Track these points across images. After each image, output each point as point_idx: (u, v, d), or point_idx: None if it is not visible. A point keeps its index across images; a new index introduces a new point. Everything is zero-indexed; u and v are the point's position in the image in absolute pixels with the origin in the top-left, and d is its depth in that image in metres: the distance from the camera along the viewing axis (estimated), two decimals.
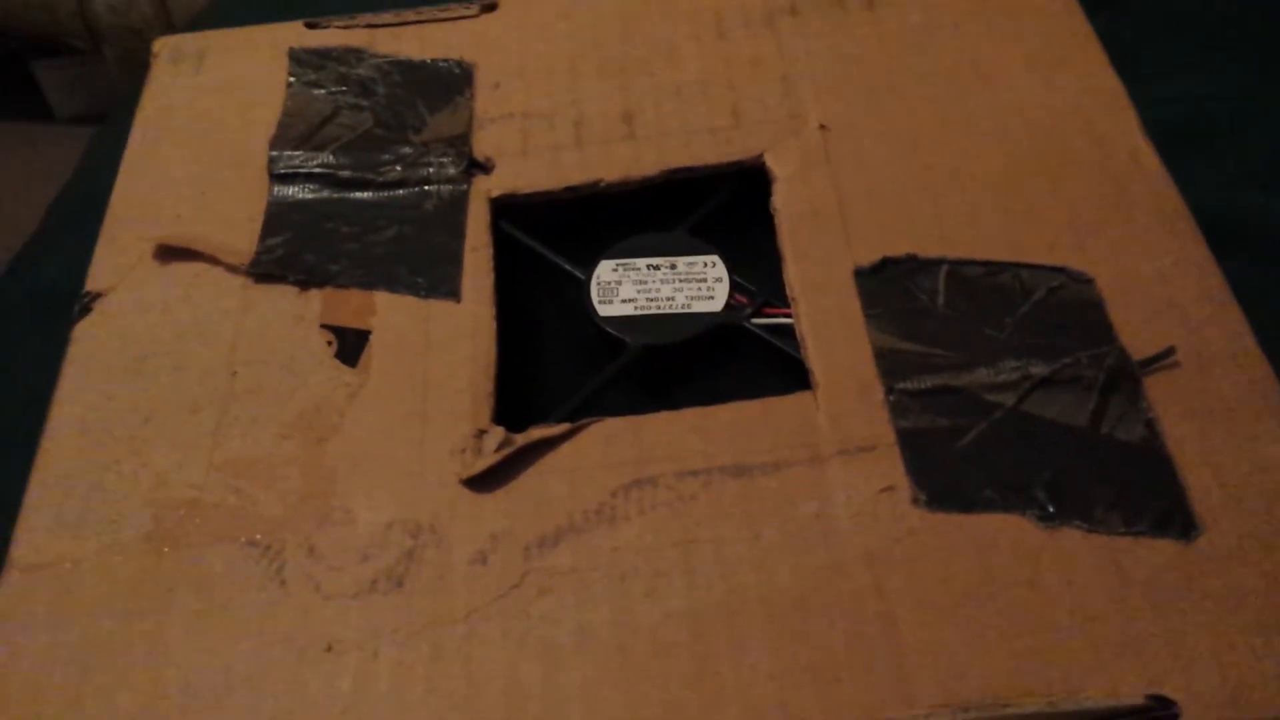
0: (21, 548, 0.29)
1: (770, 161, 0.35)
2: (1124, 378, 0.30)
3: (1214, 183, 0.41)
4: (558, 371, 0.35)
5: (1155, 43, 0.48)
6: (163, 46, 0.40)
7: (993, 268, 0.32)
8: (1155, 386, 0.30)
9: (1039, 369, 0.30)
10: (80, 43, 1.00)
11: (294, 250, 0.34)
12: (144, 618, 0.28)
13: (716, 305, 0.34)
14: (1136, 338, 0.31)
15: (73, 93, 1.06)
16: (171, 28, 0.97)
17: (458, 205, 0.35)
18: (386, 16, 0.40)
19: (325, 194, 0.36)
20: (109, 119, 0.56)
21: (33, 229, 0.53)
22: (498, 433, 0.30)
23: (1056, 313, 0.31)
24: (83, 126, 1.06)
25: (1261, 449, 0.28)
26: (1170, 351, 0.30)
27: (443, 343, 0.32)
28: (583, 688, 0.26)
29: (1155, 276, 0.32)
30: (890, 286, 0.32)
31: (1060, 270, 0.32)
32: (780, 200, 0.34)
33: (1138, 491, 0.28)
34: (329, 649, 0.27)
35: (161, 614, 0.28)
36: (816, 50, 0.38)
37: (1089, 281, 0.32)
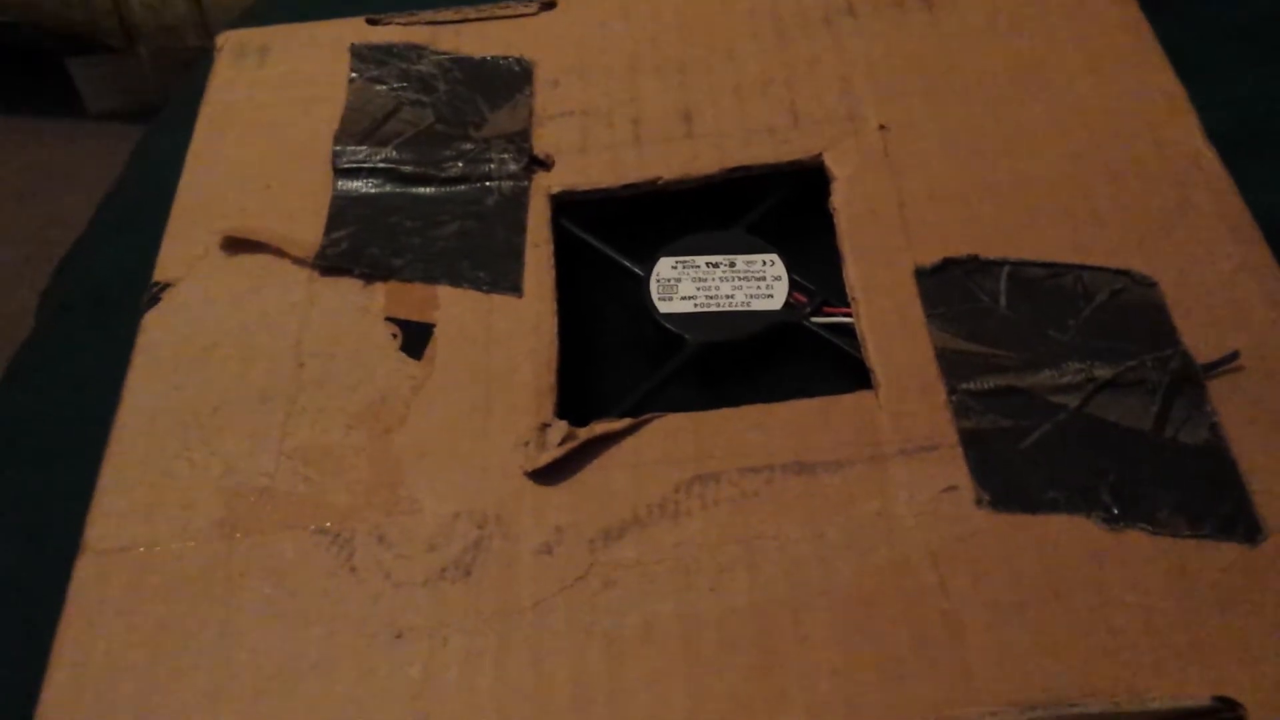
0: (96, 531, 0.30)
1: (829, 161, 0.36)
2: (1188, 381, 0.30)
3: (1272, 187, 0.41)
4: (617, 367, 0.35)
5: (1212, 48, 0.47)
6: (226, 40, 0.41)
7: (1055, 269, 0.32)
8: (1219, 391, 0.30)
9: (1103, 371, 0.30)
10: (115, 40, 1.01)
11: (358, 244, 0.35)
12: (216, 602, 0.28)
13: (776, 303, 0.34)
14: (1200, 341, 0.31)
15: (107, 89, 1.08)
16: (206, 26, 0.98)
17: (519, 201, 0.36)
18: (447, 13, 0.41)
19: (388, 188, 0.36)
20: (157, 118, 0.57)
21: (67, 222, 0.54)
22: (561, 426, 0.30)
23: (1119, 315, 0.31)
24: (116, 123, 1.08)
25: None
26: (1234, 356, 0.30)
27: (505, 337, 0.33)
28: (648, 679, 0.26)
29: (1218, 280, 0.32)
30: (952, 287, 0.32)
31: (1123, 273, 0.32)
32: (839, 200, 0.35)
33: (1202, 494, 0.28)
34: (399, 636, 0.27)
35: (233, 599, 0.28)
36: (875, 50, 0.38)
37: (1152, 285, 0.32)
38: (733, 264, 0.35)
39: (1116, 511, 0.28)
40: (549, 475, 0.30)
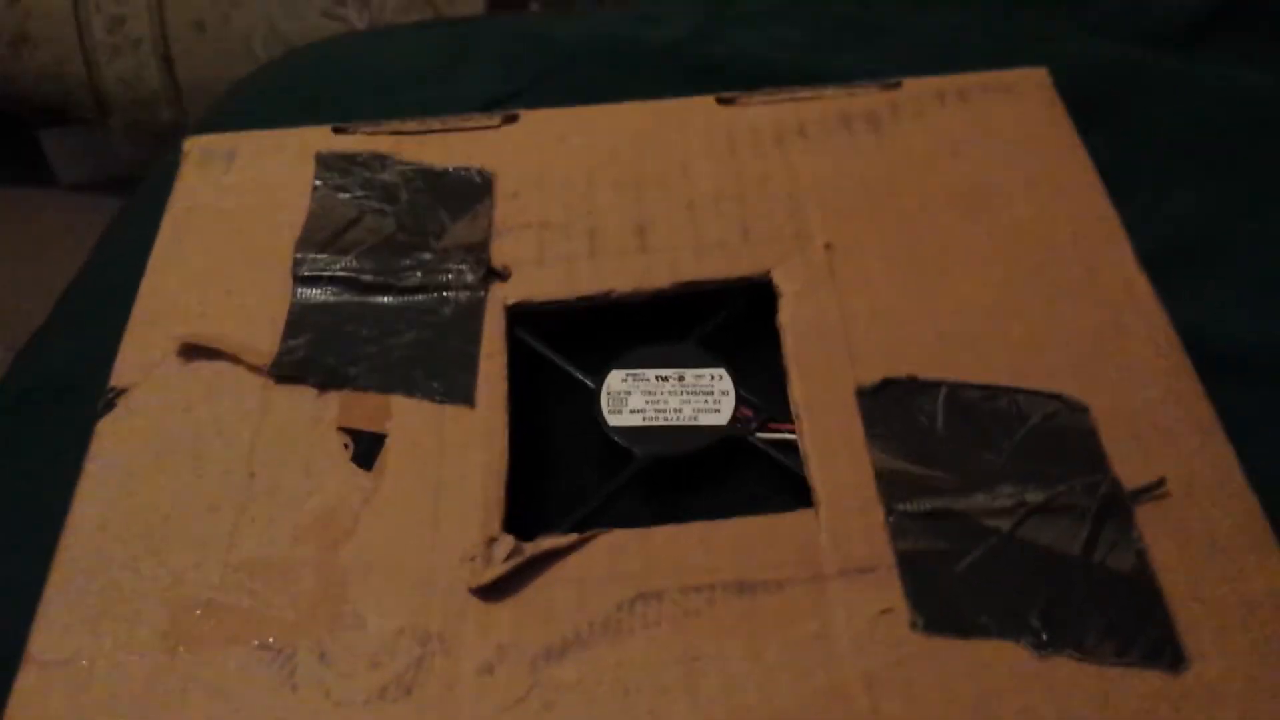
0: (39, 643, 0.30)
1: (777, 278, 0.37)
2: (1116, 507, 0.31)
3: (1204, 305, 0.42)
4: (568, 477, 0.36)
5: (1147, 162, 0.49)
6: (193, 146, 0.42)
7: (990, 392, 0.33)
8: (1146, 516, 0.31)
9: (1034, 495, 0.31)
10: (88, 113, 1.01)
11: (315, 352, 0.35)
12: (158, 718, 0.28)
13: (723, 419, 0.35)
14: (1128, 466, 0.32)
15: (78, 161, 1.08)
16: (180, 100, 0.99)
17: (475, 312, 0.36)
18: (411, 124, 0.42)
19: (347, 297, 0.37)
20: (122, 211, 0.57)
21: (34, 294, 0.54)
22: (508, 541, 0.31)
23: (1052, 439, 0.32)
24: (87, 194, 1.09)
25: (1248, 583, 0.29)
26: (1161, 482, 0.31)
27: (456, 447, 0.33)
28: None
29: (1146, 405, 0.33)
30: (891, 407, 0.33)
31: (1056, 396, 0.33)
32: (786, 316, 0.36)
33: (1129, 621, 0.29)
34: None
35: (175, 715, 0.28)
36: (823, 170, 0.40)
37: (1084, 409, 0.33)
38: (682, 378, 0.36)
39: (1045, 637, 0.29)
40: (494, 592, 0.30)
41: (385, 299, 0.37)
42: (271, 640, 0.29)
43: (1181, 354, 0.34)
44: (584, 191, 0.40)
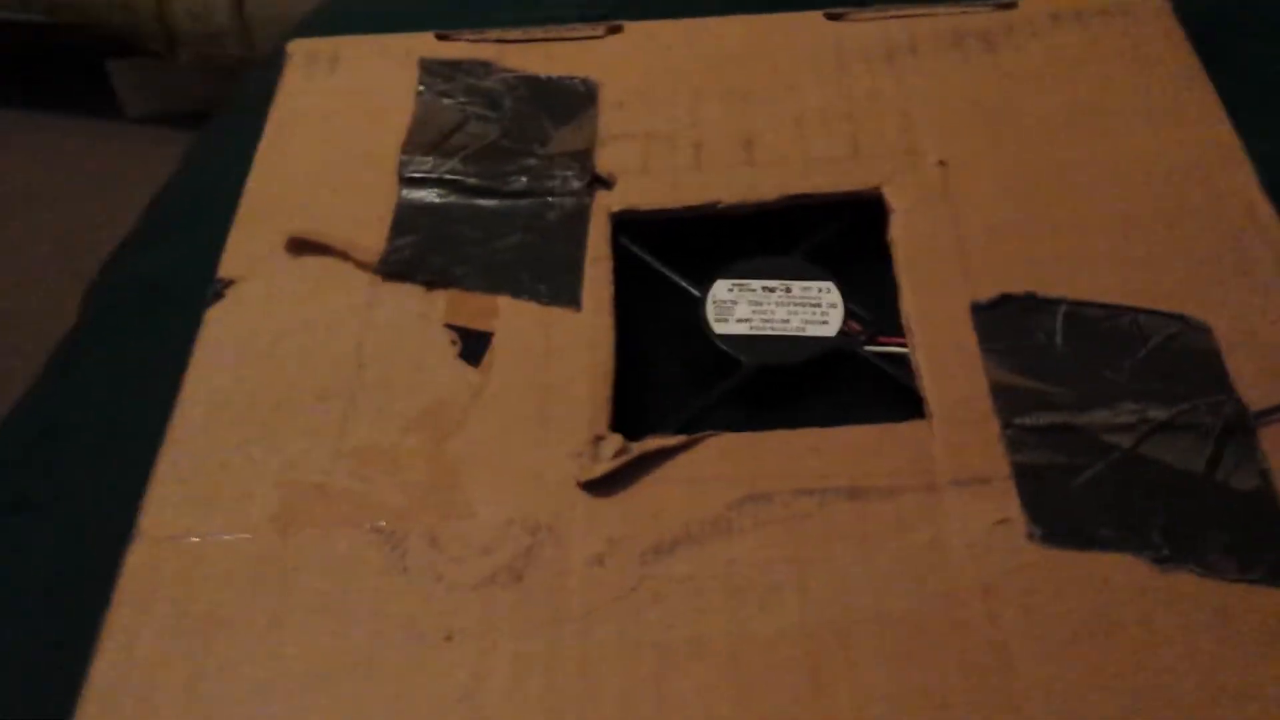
0: (150, 519, 0.30)
1: (888, 194, 0.36)
2: (1240, 428, 0.30)
3: None
4: (671, 385, 0.36)
5: (1262, 101, 0.48)
6: (297, 49, 0.42)
7: (1112, 311, 0.33)
8: (1270, 438, 0.30)
9: (1157, 413, 0.30)
10: (156, 45, 1.02)
11: (421, 251, 0.35)
12: (268, 595, 0.28)
13: (830, 330, 0.34)
14: (1251, 389, 0.31)
15: (145, 93, 1.09)
16: (248, 36, 0.99)
17: (580, 218, 0.36)
18: (515, 33, 0.41)
19: (452, 199, 0.37)
20: (206, 124, 0.58)
21: (103, 224, 0.54)
22: (615, 440, 0.31)
23: (1174, 359, 0.31)
24: (154, 127, 1.09)
25: None
26: None
27: (562, 349, 0.33)
28: (696, 694, 0.26)
29: (1271, 329, 0.32)
30: (1008, 323, 0.33)
31: (1178, 317, 0.32)
32: (898, 232, 0.35)
33: (1252, 540, 0.28)
34: (448, 638, 0.27)
35: (285, 593, 0.28)
36: (935, 88, 0.39)
37: (1207, 330, 0.32)
38: (789, 289, 0.35)
39: (1167, 552, 0.28)
40: (602, 487, 0.30)
41: (490, 202, 0.37)
42: (383, 524, 0.29)
43: None
44: (689, 104, 0.39)
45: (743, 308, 0.35)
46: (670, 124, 0.39)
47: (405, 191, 0.37)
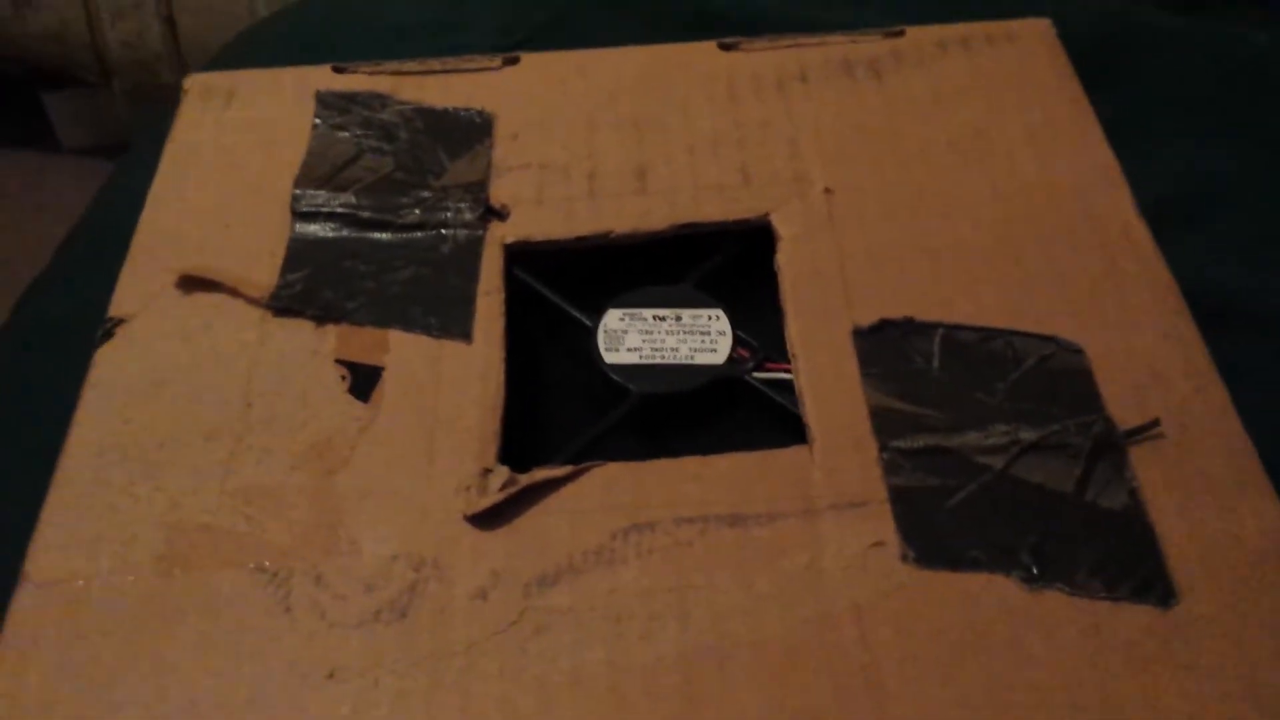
0: (36, 563, 0.30)
1: (776, 221, 0.37)
2: (1109, 447, 0.31)
3: (1201, 258, 0.42)
4: (562, 415, 0.36)
5: (1149, 121, 0.49)
6: (193, 84, 0.42)
7: (986, 334, 0.33)
8: (1139, 456, 0.31)
9: (1028, 434, 0.31)
10: (90, 75, 1.01)
11: (313, 286, 0.35)
12: (153, 637, 0.28)
13: (719, 358, 0.35)
14: (1123, 408, 0.32)
15: (81, 124, 1.08)
16: (182, 61, 0.98)
17: (473, 250, 0.36)
18: (412, 65, 0.42)
19: (345, 233, 0.37)
20: (123, 157, 0.58)
21: (37, 257, 0.54)
22: (502, 472, 0.31)
23: (1046, 380, 0.32)
24: (89, 157, 1.08)
25: (1240, 522, 0.29)
26: (1155, 423, 0.31)
27: (453, 382, 0.33)
28: None
29: (1142, 349, 0.33)
30: (887, 347, 0.33)
31: (1051, 339, 0.33)
32: (784, 259, 0.36)
33: (1119, 558, 0.29)
34: (331, 675, 0.27)
35: (170, 634, 0.28)
36: (824, 116, 0.40)
37: (1079, 351, 0.33)
38: (679, 318, 0.36)
39: (1036, 571, 0.29)
40: (488, 520, 0.30)
41: (384, 235, 0.37)
42: (267, 564, 0.29)
43: (1178, 298, 0.34)
44: (584, 134, 0.40)
45: (633, 336, 0.35)
46: (565, 154, 0.39)
47: (298, 225, 0.37)
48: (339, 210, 0.37)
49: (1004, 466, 0.31)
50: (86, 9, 0.97)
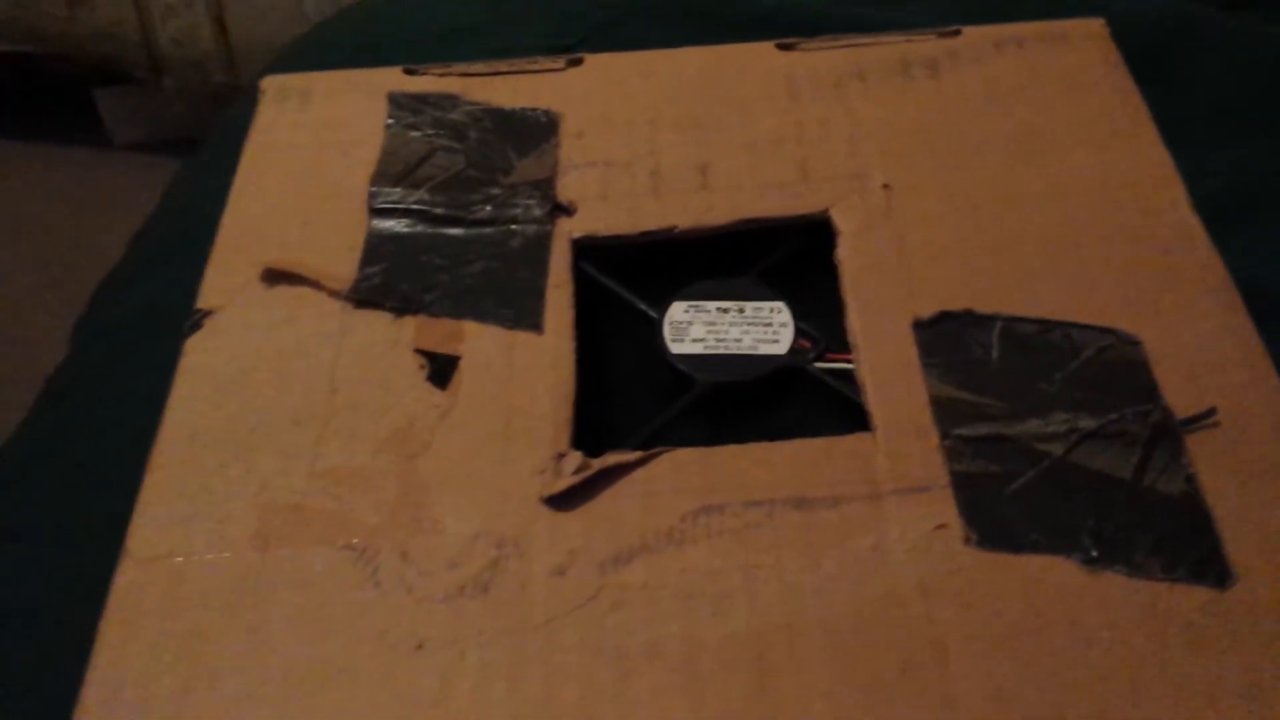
0: (136, 540, 0.31)
1: (836, 216, 0.38)
2: (1166, 435, 0.32)
3: (1254, 255, 0.43)
4: (629, 404, 0.37)
5: (1202, 120, 0.50)
6: (269, 85, 0.43)
7: (1045, 326, 0.34)
8: (1196, 444, 0.32)
9: (1087, 422, 0.32)
10: (141, 73, 1.03)
11: (390, 279, 0.37)
12: (248, 610, 0.30)
13: (781, 348, 0.36)
14: (1179, 398, 0.33)
15: (132, 120, 1.10)
16: (232, 62, 1.01)
17: (542, 244, 0.38)
18: (479, 66, 0.43)
19: (420, 228, 0.38)
20: (191, 158, 0.59)
21: (91, 250, 0.56)
22: (576, 456, 0.32)
23: (1104, 371, 0.33)
24: (140, 153, 1.11)
25: None
26: (1211, 412, 0.32)
27: (526, 371, 0.35)
28: (652, 696, 0.28)
29: (1198, 341, 0.34)
30: (947, 338, 0.34)
31: (1109, 331, 0.34)
32: (844, 253, 0.37)
33: (1176, 540, 0.30)
34: (419, 647, 0.29)
35: (264, 608, 0.30)
36: (882, 114, 0.41)
37: (1136, 343, 0.34)
38: (742, 310, 0.37)
39: (1095, 554, 0.30)
40: (564, 502, 0.31)
41: (456, 231, 0.38)
42: (355, 541, 0.31)
43: (1233, 292, 0.35)
44: (646, 132, 0.41)
45: (698, 328, 0.37)
46: (628, 152, 0.40)
47: (375, 221, 0.39)
48: (414, 207, 0.39)
49: (1063, 453, 0.32)
50: (138, 8, 0.99)
